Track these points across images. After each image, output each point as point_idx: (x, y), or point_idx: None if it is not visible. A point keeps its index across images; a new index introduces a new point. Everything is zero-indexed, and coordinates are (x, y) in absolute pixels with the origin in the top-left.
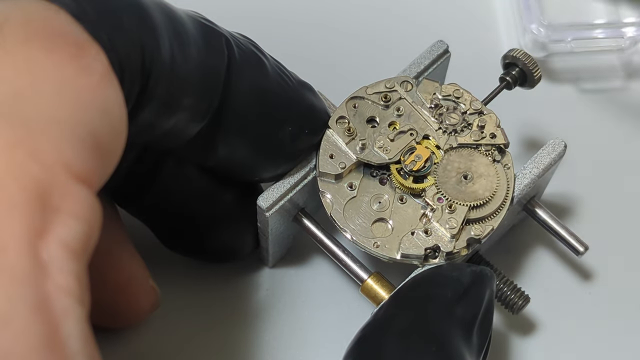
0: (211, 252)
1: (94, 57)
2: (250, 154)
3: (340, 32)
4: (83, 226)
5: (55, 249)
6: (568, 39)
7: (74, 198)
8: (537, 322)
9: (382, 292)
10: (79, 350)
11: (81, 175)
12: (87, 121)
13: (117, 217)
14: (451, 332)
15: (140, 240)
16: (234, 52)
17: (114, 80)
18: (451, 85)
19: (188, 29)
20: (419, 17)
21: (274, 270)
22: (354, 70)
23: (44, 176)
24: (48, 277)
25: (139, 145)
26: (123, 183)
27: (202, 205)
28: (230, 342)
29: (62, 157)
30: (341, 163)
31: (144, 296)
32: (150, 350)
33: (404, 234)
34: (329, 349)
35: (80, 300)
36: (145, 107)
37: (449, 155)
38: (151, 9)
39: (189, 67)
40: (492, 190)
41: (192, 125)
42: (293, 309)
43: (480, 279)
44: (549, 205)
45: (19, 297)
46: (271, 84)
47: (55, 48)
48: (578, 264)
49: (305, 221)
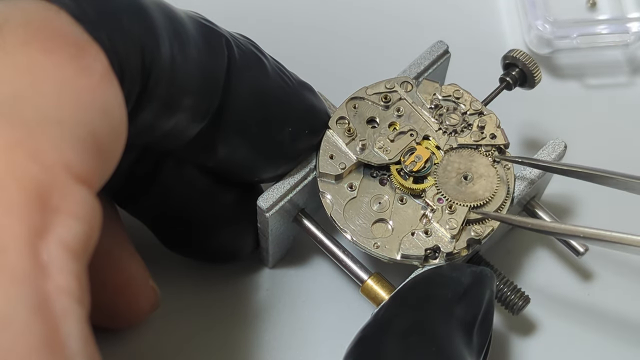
0: (211, 253)
1: (94, 58)
2: (250, 154)
3: (340, 32)
4: (83, 226)
5: (55, 250)
6: (573, 35)
7: (74, 198)
8: (537, 323)
9: (382, 292)
10: (78, 350)
11: (81, 176)
12: (87, 121)
13: (117, 218)
14: (451, 333)
15: (140, 240)
16: (234, 53)
17: (114, 80)
18: (451, 86)
19: (188, 30)
20: (419, 17)
21: (274, 270)
22: (354, 70)
23: (44, 176)
24: (48, 278)
25: (139, 146)
26: (123, 184)
27: (202, 206)
28: (230, 343)
29: (62, 157)
30: (341, 164)
31: (143, 296)
32: (150, 350)
33: (404, 235)
34: (329, 349)
35: (80, 300)
36: (145, 107)
37: (449, 155)
38: (151, 9)
39: (189, 68)
40: (492, 190)
41: (192, 125)
42: (293, 310)
43: (480, 279)
44: (549, 206)
45: (19, 297)
46: (271, 84)
47: (55, 48)
48: (578, 264)
49: (305, 222)
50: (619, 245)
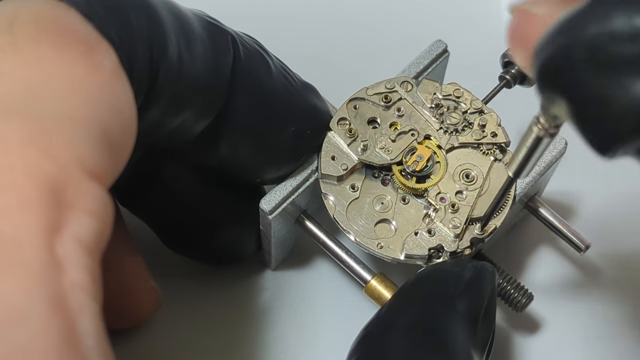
0: (213, 254)
1: (104, 55)
2: (252, 153)
3: (340, 33)
4: (96, 222)
5: (70, 246)
6: None
7: (87, 195)
8: (541, 320)
9: (386, 292)
10: (93, 346)
11: (94, 172)
12: (98, 118)
13: (120, 218)
14: (455, 327)
15: (142, 241)
16: (240, 51)
17: (123, 77)
18: (451, 85)
19: (194, 27)
20: (419, 17)
21: (276, 272)
22: (354, 71)
23: (58, 173)
24: (64, 274)
25: (144, 144)
26: (127, 183)
27: (205, 207)
28: (232, 344)
29: (75, 154)
30: (343, 164)
31: (145, 297)
32: (151, 350)
33: (408, 235)
34: (332, 350)
35: (95, 296)
36: (153, 104)
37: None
38: (158, 7)
39: (196, 65)
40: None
41: (198, 123)
42: (295, 311)
43: (482, 273)
44: (550, 203)
45: (36, 293)
46: (275, 83)
47: (66, 46)
48: (580, 261)
49: (308, 223)
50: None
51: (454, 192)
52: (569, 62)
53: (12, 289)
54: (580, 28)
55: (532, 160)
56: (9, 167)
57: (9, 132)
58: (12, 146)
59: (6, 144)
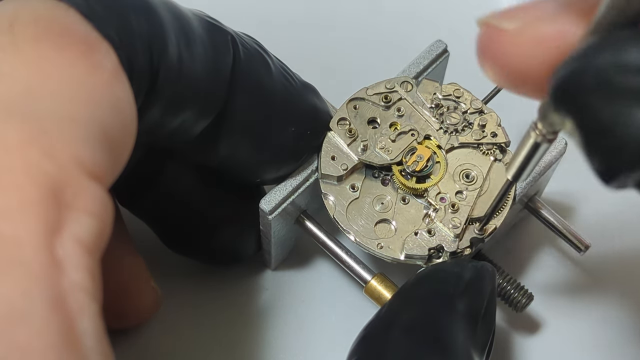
0: (213, 254)
1: (104, 55)
2: (252, 153)
3: (339, 33)
4: (96, 222)
5: (70, 246)
6: None
7: (87, 195)
8: (541, 321)
9: (386, 292)
10: (93, 346)
11: (94, 172)
12: (98, 118)
13: (119, 218)
14: (455, 327)
15: (142, 241)
16: (239, 51)
17: (123, 77)
18: (451, 85)
19: (194, 28)
20: (419, 17)
21: (276, 272)
22: (353, 71)
23: (58, 173)
24: (63, 274)
25: (144, 144)
26: (127, 183)
27: (205, 207)
28: (232, 344)
29: (75, 154)
30: (343, 165)
31: (145, 297)
32: (151, 350)
33: (408, 235)
34: (332, 350)
35: (94, 296)
36: (153, 104)
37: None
38: (159, 7)
39: (196, 65)
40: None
41: (198, 123)
42: (295, 311)
43: (482, 273)
44: (550, 203)
45: (36, 293)
46: (275, 83)
47: (66, 46)
48: (580, 261)
49: (308, 223)
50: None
51: (454, 192)
52: (579, 86)
53: (11, 289)
54: (593, 55)
55: (530, 164)
56: (9, 167)
57: (9, 132)
58: (12, 146)
59: (6, 144)
